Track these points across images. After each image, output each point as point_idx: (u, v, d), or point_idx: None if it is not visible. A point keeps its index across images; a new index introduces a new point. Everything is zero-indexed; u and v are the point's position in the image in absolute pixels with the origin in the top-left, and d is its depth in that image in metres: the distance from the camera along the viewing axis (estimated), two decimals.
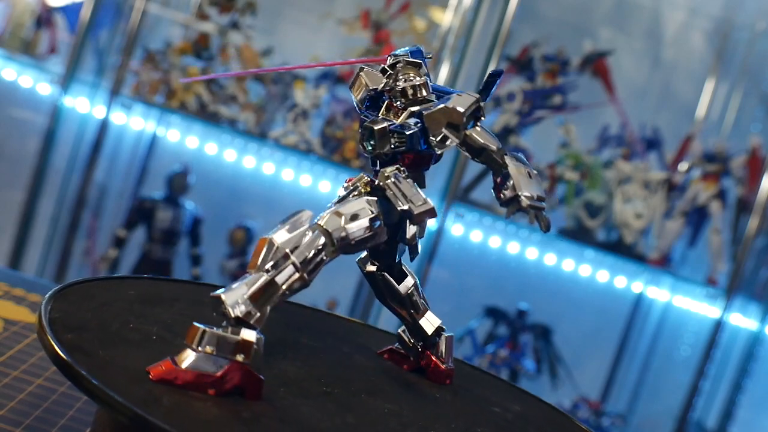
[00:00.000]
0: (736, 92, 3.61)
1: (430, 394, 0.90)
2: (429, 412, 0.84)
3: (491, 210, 3.22)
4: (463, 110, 0.81)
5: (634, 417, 3.64)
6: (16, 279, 1.41)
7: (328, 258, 0.77)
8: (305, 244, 0.75)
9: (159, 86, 3.17)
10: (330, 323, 1.09)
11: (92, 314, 0.82)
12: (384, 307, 0.96)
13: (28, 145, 3.38)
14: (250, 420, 0.69)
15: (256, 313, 0.73)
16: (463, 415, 0.87)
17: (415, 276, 0.94)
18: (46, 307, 0.79)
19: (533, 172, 0.85)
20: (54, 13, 3.27)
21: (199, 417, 0.67)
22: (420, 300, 0.93)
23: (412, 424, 0.79)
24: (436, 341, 0.94)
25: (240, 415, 0.70)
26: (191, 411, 0.68)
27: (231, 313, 0.72)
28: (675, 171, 3.22)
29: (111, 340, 0.77)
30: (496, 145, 0.84)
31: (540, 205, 0.84)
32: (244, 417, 0.69)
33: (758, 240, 3.12)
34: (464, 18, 3.29)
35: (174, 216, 3.27)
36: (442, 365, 0.93)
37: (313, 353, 0.92)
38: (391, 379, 0.91)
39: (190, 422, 0.66)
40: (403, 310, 0.93)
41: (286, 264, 0.74)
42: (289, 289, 0.75)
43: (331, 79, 3.24)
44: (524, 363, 3.27)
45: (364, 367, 0.93)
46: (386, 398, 0.84)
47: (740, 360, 3.26)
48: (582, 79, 3.28)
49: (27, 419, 0.93)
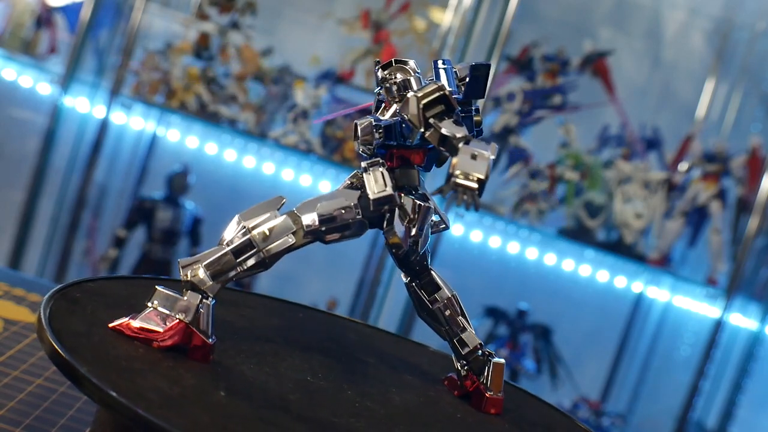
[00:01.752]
0: (736, 92, 3.61)
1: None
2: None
3: (491, 210, 3.21)
4: (420, 96, 0.80)
5: (634, 417, 3.64)
6: (16, 279, 1.41)
7: (297, 242, 0.80)
8: (269, 225, 0.79)
9: (159, 86, 3.17)
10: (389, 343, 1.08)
11: (92, 314, 0.82)
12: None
13: (28, 145, 3.38)
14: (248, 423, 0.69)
15: (208, 282, 0.78)
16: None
17: (453, 290, 0.90)
18: (46, 306, 0.79)
19: (484, 154, 0.79)
20: (54, 13, 3.27)
21: (200, 417, 0.67)
22: (457, 316, 0.89)
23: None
24: (485, 366, 0.89)
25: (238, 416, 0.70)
26: (191, 411, 0.68)
27: (184, 276, 0.79)
28: (675, 171, 3.21)
29: (111, 340, 0.77)
30: (463, 133, 0.80)
31: (470, 184, 0.77)
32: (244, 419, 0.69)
33: (758, 240, 3.12)
34: (464, 18, 3.29)
35: (174, 216, 3.27)
36: (487, 392, 0.89)
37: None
38: (435, 412, 0.86)
39: (190, 422, 0.66)
40: (438, 326, 0.89)
41: (244, 240, 0.79)
42: (244, 264, 0.79)
43: (331, 79, 3.24)
44: (524, 363, 3.27)
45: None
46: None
47: (740, 360, 3.26)
48: (582, 79, 3.28)
49: (27, 419, 0.93)
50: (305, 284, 3.55)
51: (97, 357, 0.72)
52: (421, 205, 0.84)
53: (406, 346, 1.10)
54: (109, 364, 0.71)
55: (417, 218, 0.83)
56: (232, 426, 0.67)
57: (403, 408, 0.84)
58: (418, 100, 0.80)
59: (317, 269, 3.53)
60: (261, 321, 0.98)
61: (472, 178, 0.77)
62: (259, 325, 0.96)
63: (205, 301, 0.79)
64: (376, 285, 3.18)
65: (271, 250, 0.80)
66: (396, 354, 1.04)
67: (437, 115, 0.81)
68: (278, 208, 0.82)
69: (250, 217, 0.81)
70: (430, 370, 1.01)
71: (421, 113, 0.80)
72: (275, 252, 0.80)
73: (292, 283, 3.51)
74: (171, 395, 0.69)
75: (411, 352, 1.08)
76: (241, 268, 0.80)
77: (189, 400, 0.69)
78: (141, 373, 0.71)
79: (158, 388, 0.69)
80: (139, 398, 0.66)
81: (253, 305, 1.04)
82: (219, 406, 0.70)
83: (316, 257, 3.52)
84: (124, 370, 0.71)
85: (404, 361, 1.01)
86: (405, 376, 0.95)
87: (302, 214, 0.81)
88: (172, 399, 0.68)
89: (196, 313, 0.78)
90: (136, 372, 0.71)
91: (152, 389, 0.69)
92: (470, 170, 0.78)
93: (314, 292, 3.46)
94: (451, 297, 0.89)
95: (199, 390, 0.72)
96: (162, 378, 0.72)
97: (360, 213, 0.82)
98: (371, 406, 0.82)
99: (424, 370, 1.00)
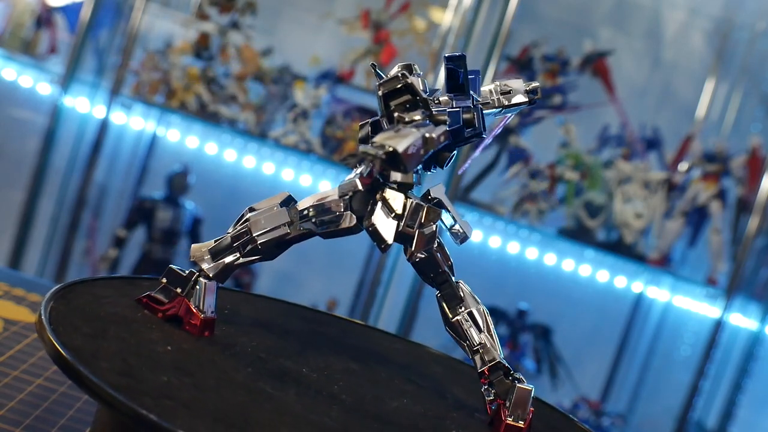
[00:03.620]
0: (736, 92, 3.61)
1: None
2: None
3: (491, 210, 3.21)
4: (380, 83, 0.81)
5: (634, 417, 3.64)
6: (16, 279, 1.41)
7: (292, 233, 0.84)
8: (266, 215, 0.84)
9: (159, 86, 3.17)
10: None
11: (93, 314, 0.82)
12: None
13: (28, 145, 3.38)
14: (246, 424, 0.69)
15: (210, 263, 0.86)
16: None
17: (480, 304, 0.86)
18: (47, 306, 0.79)
19: (404, 131, 0.75)
20: (54, 13, 3.27)
21: (202, 418, 0.67)
22: (476, 332, 0.84)
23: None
24: (510, 390, 0.82)
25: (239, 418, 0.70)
26: (192, 411, 0.68)
27: (191, 257, 0.87)
28: (675, 171, 3.21)
29: (111, 340, 0.77)
30: (387, 143, 0.74)
31: (376, 152, 0.72)
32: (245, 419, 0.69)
33: (758, 240, 3.12)
34: (464, 18, 3.29)
35: (174, 216, 3.27)
36: (507, 418, 0.81)
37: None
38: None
39: (191, 422, 0.66)
40: (459, 340, 0.85)
41: (242, 227, 0.85)
42: (241, 249, 0.85)
43: (331, 79, 3.24)
44: (524, 363, 3.27)
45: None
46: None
47: (740, 360, 3.26)
48: (582, 79, 3.28)
49: (27, 419, 0.93)
50: (305, 284, 3.55)
51: (98, 356, 0.72)
52: (412, 202, 0.83)
53: (406, 346, 1.10)
54: (110, 364, 0.71)
55: (405, 215, 0.82)
56: (234, 426, 0.67)
57: (394, 410, 0.84)
58: (377, 89, 0.82)
59: (317, 269, 3.53)
60: (267, 321, 0.98)
61: (384, 148, 0.72)
62: (263, 327, 0.97)
63: (201, 279, 0.85)
64: (376, 285, 3.18)
65: (265, 237, 0.84)
66: (396, 354, 1.04)
67: (401, 105, 0.81)
68: (280, 201, 0.85)
69: (255, 208, 0.86)
70: (430, 371, 1.01)
71: (382, 103, 0.81)
72: (268, 240, 0.84)
73: (292, 283, 3.51)
74: (172, 395, 0.69)
75: (410, 352, 1.08)
76: (240, 253, 0.85)
77: (190, 401, 0.69)
78: (142, 372, 0.71)
79: (159, 387, 0.69)
80: (140, 397, 0.66)
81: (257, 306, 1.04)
82: (220, 408, 0.70)
83: (316, 257, 3.52)
84: (124, 370, 0.71)
85: (404, 362, 1.01)
86: (404, 377, 0.95)
87: (300, 209, 0.85)
88: (174, 399, 0.68)
89: (192, 288, 0.85)
90: (137, 371, 0.71)
91: (153, 388, 0.69)
92: (388, 141, 0.73)
93: (314, 292, 3.46)
94: (474, 311, 0.85)
95: (201, 390, 0.72)
96: (163, 377, 0.72)
97: (346, 206, 0.83)
98: (363, 406, 0.82)
99: (423, 372, 1.00)
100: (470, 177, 3.24)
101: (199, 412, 0.68)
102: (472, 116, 0.84)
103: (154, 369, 0.73)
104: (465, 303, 0.85)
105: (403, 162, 0.73)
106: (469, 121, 0.84)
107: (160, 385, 0.70)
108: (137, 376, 0.70)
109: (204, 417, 0.67)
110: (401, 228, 0.82)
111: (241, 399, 0.72)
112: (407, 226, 0.82)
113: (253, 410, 0.71)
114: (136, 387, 0.68)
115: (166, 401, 0.67)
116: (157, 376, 0.72)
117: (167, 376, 0.72)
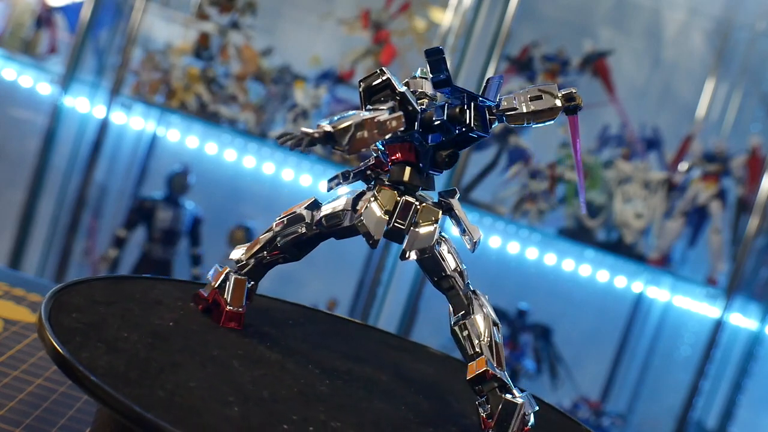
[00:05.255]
0: (736, 92, 3.61)
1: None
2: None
3: (491, 210, 3.21)
4: (361, 80, 0.84)
5: (634, 417, 3.64)
6: (16, 279, 1.41)
7: (308, 233, 0.88)
8: (290, 217, 0.89)
9: (159, 86, 3.17)
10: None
11: (93, 313, 0.82)
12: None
13: (28, 145, 3.38)
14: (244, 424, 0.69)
15: (242, 260, 0.92)
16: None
17: (491, 316, 0.83)
18: (47, 305, 0.79)
19: (347, 114, 0.76)
20: (54, 13, 3.27)
21: (203, 418, 0.67)
22: (469, 340, 0.81)
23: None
24: (498, 403, 0.78)
25: (238, 418, 0.69)
26: (193, 411, 0.68)
27: (230, 256, 0.93)
28: (675, 171, 3.21)
29: (111, 339, 0.76)
30: (330, 123, 0.76)
31: (311, 131, 0.74)
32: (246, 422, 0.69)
33: (758, 240, 3.12)
34: (464, 18, 3.29)
35: (174, 216, 3.27)
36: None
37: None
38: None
39: (192, 422, 0.66)
40: (458, 346, 0.82)
41: (270, 227, 0.91)
42: (267, 248, 0.90)
43: (331, 79, 3.24)
44: (524, 363, 3.27)
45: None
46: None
47: (740, 360, 3.26)
48: (582, 79, 3.28)
49: (27, 419, 0.93)
50: (305, 284, 3.55)
51: (98, 356, 0.72)
52: (404, 199, 0.83)
53: (406, 347, 1.10)
54: (110, 364, 0.71)
55: (396, 212, 0.83)
56: (232, 428, 0.67)
57: (382, 410, 0.84)
58: (359, 84, 0.83)
59: (317, 269, 3.53)
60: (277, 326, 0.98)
61: (320, 128, 0.74)
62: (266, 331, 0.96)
63: (232, 274, 0.90)
64: (376, 285, 3.18)
65: (284, 237, 0.89)
66: (395, 354, 1.04)
67: (377, 100, 0.82)
68: (307, 204, 0.89)
69: (285, 211, 0.90)
70: (429, 371, 1.01)
71: (362, 99, 0.83)
72: (287, 239, 0.89)
73: (292, 284, 3.51)
74: (173, 395, 0.69)
75: (410, 352, 1.08)
76: (266, 252, 0.91)
77: (192, 401, 0.69)
78: (143, 372, 0.71)
79: (160, 387, 0.69)
80: (140, 397, 0.66)
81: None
82: (220, 410, 0.70)
83: (316, 257, 3.50)
84: (125, 370, 0.71)
85: (404, 362, 1.01)
86: (402, 377, 0.95)
87: (314, 211, 0.88)
88: (175, 399, 0.68)
89: (223, 282, 0.90)
90: (138, 371, 0.71)
91: (154, 388, 0.69)
92: (332, 121, 0.75)
93: (314, 292, 3.46)
94: (465, 321, 0.81)
95: (202, 391, 0.72)
96: (164, 377, 0.72)
97: (351, 205, 0.85)
98: (358, 405, 0.82)
99: (423, 371, 1.00)
100: (470, 177, 3.24)
101: (199, 412, 0.67)
102: (456, 112, 0.82)
103: (154, 369, 0.73)
104: (468, 309, 0.83)
105: (336, 140, 0.75)
106: (452, 116, 0.82)
107: (161, 385, 0.70)
108: (138, 376, 0.70)
109: (204, 417, 0.67)
110: (391, 225, 0.83)
111: (240, 400, 0.72)
112: (397, 224, 0.82)
113: (253, 413, 0.71)
114: (136, 387, 0.68)
115: (167, 401, 0.67)
116: (158, 376, 0.72)
117: (167, 376, 0.72)
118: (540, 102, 0.85)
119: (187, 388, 0.71)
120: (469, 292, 0.84)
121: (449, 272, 0.84)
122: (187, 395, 0.70)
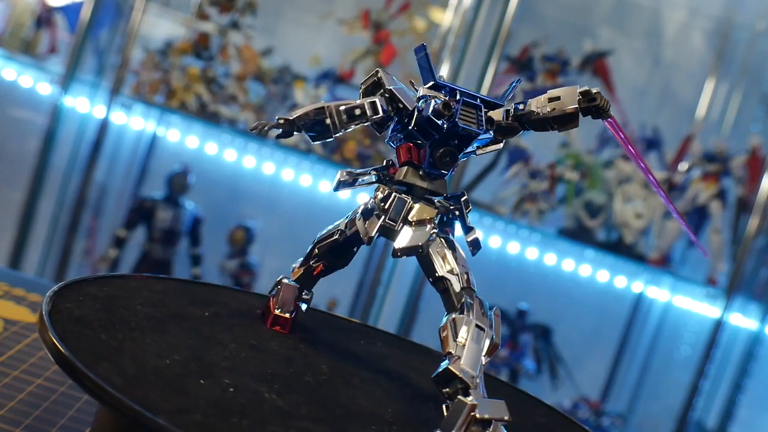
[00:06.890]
0: (736, 92, 3.61)
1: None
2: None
3: (491, 210, 3.21)
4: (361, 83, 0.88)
5: (634, 417, 3.64)
6: (16, 279, 1.41)
7: (340, 239, 0.92)
8: (330, 225, 0.93)
9: (159, 86, 3.17)
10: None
11: (93, 312, 0.82)
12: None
13: (28, 145, 3.38)
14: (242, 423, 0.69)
15: (295, 269, 0.97)
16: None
17: (483, 320, 0.77)
18: (48, 304, 0.79)
19: (331, 104, 0.83)
20: (54, 13, 3.27)
21: (204, 418, 0.67)
22: (447, 341, 0.76)
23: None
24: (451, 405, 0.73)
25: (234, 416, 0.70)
26: (194, 411, 0.68)
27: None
28: (675, 171, 3.21)
29: (112, 338, 0.76)
30: (300, 108, 0.84)
31: (285, 117, 0.82)
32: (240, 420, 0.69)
33: (758, 240, 3.12)
34: (464, 18, 3.28)
35: (174, 216, 3.27)
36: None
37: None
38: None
39: (192, 422, 0.66)
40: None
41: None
42: (312, 255, 0.95)
43: (331, 79, 3.24)
44: (524, 363, 3.27)
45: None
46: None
47: (740, 360, 3.26)
48: (582, 79, 3.28)
49: (27, 419, 0.93)
50: None
51: (99, 356, 0.72)
52: (397, 196, 0.84)
53: (405, 347, 1.10)
54: (111, 363, 0.71)
55: (389, 209, 0.83)
56: (230, 427, 0.67)
57: (377, 408, 0.84)
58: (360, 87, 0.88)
59: None
60: None
61: (291, 115, 0.81)
62: None
63: (284, 281, 0.96)
64: (376, 285, 3.18)
65: (322, 244, 0.94)
66: (393, 354, 1.04)
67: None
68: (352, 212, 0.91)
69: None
70: (428, 371, 1.01)
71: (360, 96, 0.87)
72: (323, 246, 0.94)
73: None
74: (174, 395, 0.69)
75: (410, 352, 1.08)
76: (312, 259, 0.95)
77: (192, 401, 0.69)
78: (143, 372, 0.71)
79: (161, 386, 0.69)
80: (141, 397, 0.66)
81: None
82: (220, 411, 0.70)
83: None
84: (125, 370, 0.71)
85: (401, 362, 1.01)
86: (401, 377, 0.95)
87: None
88: (175, 399, 0.68)
89: (276, 287, 0.97)
90: (138, 371, 0.71)
91: (154, 388, 0.69)
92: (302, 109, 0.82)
93: (315, 292, 3.45)
94: (449, 320, 0.77)
95: (203, 391, 0.72)
96: (165, 377, 0.72)
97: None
98: (360, 404, 0.82)
99: (423, 371, 1.00)
100: (470, 177, 3.24)
101: (199, 413, 0.67)
102: (440, 107, 0.82)
103: (155, 369, 0.73)
104: (456, 310, 0.78)
105: (297, 126, 0.81)
106: (437, 111, 0.82)
107: (161, 385, 0.70)
108: (138, 375, 0.70)
109: (204, 417, 0.67)
110: (384, 221, 0.84)
111: (241, 401, 0.72)
112: (390, 220, 0.84)
113: (253, 415, 0.71)
114: (136, 387, 0.68)
115: (167, 401, 0.67)
116: (158, 376, 0.72)
117: (170, 376, 0.72)
118: (559, 102, 0.86)
119: (188, 386, 0.71)
120: (466, 297, 0.79)
121: (441, 273, 0.81)
122: (186, 394, 0.70)
